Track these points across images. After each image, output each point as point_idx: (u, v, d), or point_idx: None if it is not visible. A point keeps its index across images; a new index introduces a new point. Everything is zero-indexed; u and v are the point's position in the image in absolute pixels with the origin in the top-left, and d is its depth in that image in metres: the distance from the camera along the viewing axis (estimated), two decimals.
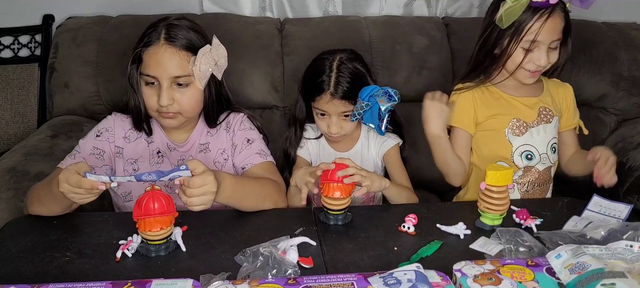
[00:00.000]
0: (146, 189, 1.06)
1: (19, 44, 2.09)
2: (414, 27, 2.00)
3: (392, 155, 1.51)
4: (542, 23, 1.33)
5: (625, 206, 1.22)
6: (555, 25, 1.35)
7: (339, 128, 1.42)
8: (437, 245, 1.11)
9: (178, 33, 1.31)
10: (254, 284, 0.90)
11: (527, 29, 1.34)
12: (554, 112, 1.49)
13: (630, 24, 2.14)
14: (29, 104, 2.03)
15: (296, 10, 2.14)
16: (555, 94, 1.52)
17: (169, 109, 1.31)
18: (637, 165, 1.76)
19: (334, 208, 1.20)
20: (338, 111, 1.40)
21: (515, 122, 1.46)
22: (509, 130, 1.46)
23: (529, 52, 1.37)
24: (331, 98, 1.38)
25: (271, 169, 1.40)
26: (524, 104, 1.47)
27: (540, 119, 1.47)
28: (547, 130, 1.47)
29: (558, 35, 1.37)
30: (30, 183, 1.44)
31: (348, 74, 1.39)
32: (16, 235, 1.15)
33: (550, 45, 1.37)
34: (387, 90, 1.33)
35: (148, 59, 1.30)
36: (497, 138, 1.47)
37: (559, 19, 1.35)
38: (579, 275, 0.90)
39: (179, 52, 1.29)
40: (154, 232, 1.05)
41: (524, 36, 1.35)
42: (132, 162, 1.39)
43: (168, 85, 1.29)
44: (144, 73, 1.31)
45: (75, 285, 0.91)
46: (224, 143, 1.43)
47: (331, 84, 1.38)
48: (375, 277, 0.91)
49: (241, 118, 1.46)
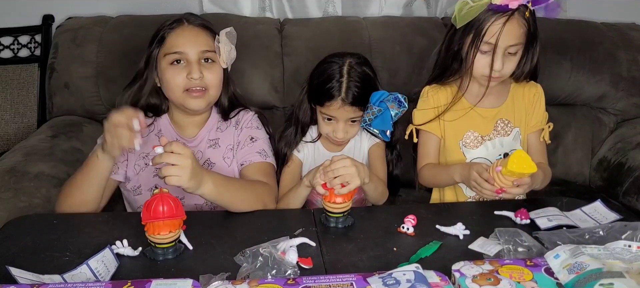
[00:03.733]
0: (154, 192, 1.07)
1: (18, 44, 2.09)
2: (413, 28, 2.01)
3: (376, 150, 1.51)
4: (501, 26, 1.29)
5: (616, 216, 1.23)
6: (513, 29, 1.30)
7: (345, 133, 1.42)
8: (436, 245, 1.11)
9: (197, 19, 1.43)
10: (254, 284, 0.90)
11: (485, 31, 1.30)
12: (514, 123, 1.46)
13: (629, 25, 2.15)
14: (28, 104, 2.03)
15: (296, 11, 2.15)
16: (521, 97, 1.47)
17: (198, 83, 1.35)
18: (636, 165, 1.76)
19: (335, 211, 1.20)
20: (347, 117, 1.40)
21: (470, 134, 1.45)
22: (462, 143, 1.45)
23: (486, 55, 1.33)
24: (342, 104, 1.37)
25: (268, 171, 1.41)
26: (481, 115, 1.45)
27: (496, 132, 1.45)
28: (505, 143, 1.45)
29: (516, 40, 1.31)
30: (30, 183, 1.44)
31: (359, 79, 1.38)
32: (16, 235, 1.15)
33: (508, 50, 1.32)
34: (396, 96, 1.33)
35: (174, 38, 1.37)
36: (451, 149, 1.46)
37: (517, 24, 1.30)
38: (578, 275, 0.90)
39: (203, 30, 1.40)
40: (163, 235, 1.05)
41: (483, 38, 1.31)
42: (143, 156, 1.42)
43: (196, 59, 1.36)
44: (170, 52, 1.36)
45: (75, 285, 0.91)
46: (232, 139, 1.46)
47: (342, 90, 1.37)
48: (375, 277, 0.92)
49: (251, 116, 1.49)
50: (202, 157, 1.43)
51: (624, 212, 1.25)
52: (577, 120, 2.00)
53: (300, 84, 1.66)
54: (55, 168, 1.54)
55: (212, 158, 1.43)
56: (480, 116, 1.45)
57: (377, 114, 1.33)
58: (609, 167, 1.90)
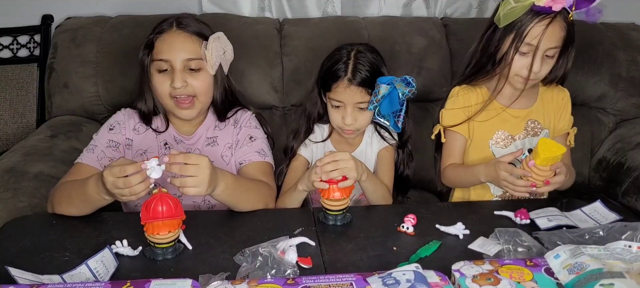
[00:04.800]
0: (153, 192, 1.06)
1: (18, 44, 2.09)
2: (412, 28, 2.00)
3: (385, 153, 1.50)
4: (544, 28, 1.29)
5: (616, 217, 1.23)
6: (555, 32, 1.31)
7: (353, 119, 1.40)
8: (436, 245, 1.11)
9: (189, 22, 1.39)
10: (253, 284, 0.90)
11: (527, 32, 1.31)
12: (544, 125, 1.47)
13: (628, 25, 2.15)
14: (28, 104, 2.03)
15: (295, 11, 2.14)
16: (549, 101, 1.49)
17: (182, 91, 1.34)
18: (636, 166, 1.76)
19: (333, 209, 1.20)
20: (354, 101, 1.38)
21: (501, 134, 1.45)
22: (492, 142, 1.46)
23: (525, 57, 1.34)
24: (348, 84, 1.37)
25: (267, 171, 1.41)
26: (512, 116, 1.46)
27: (526, 132, 1.46)
28: (534, 143, 1.45)
29: (556, 43, 1.33)
30: (29, 183, 1.44)
31: (365, 61, 1.38)
32: (15, 235, 1.15)
33: (547, 53, 1.33)
34: (405, 77, 1.32)
35: (161, 44, 1.35)
36: (481, 148, 1.47)
37: (559, 28, 1.31)
38: (578, 275, 0.90)
39: (190, 36, 1.36)
40: (162, 235, 1.05)
41: (524, 40, 1.32)
42: (141, 153, 1.42)
43: (181, 68, 1.33)
44: (156, 59, 1.34)
45: (74, 285, 0.91)
46: (230, 138, 1.46)
47: (349, 70, 1.37)
48: (374, 277, 0.91)
49: (249, 116, 1.50)
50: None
51: (624, 212, 1.26)
52: (577, 120, 1.97)
53: (300, 84, 1.67)
54: (55, 168, 1.53)
55: (210, 156, 1.43)
56: (512, 116, 1.46)
57: (385, 94, 1.32)
58: (608, 167, 1.90)
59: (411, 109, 1.43)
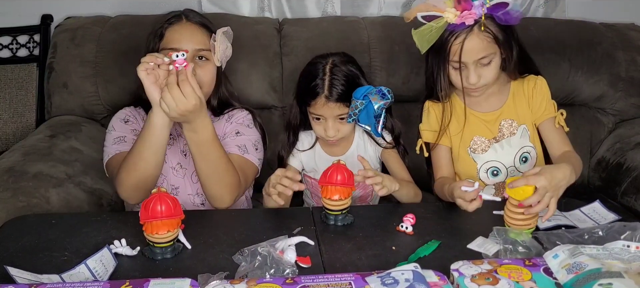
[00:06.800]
0: (152, 191, 1.07)
1: (17, 44, 2.09)
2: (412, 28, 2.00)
3: (389, 155, 1.51)
4: (460, 44, 1.31)
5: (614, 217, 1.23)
6: (476, 44, 1.32)
7: (335, 131, 1.42)
8: (435, 245, 1.11)
9: (196, 16, 1.48)
10: (252, 284, 0.90)
11: (448, 50, 1.33)
12: (519, 121, 1.47)
13: (628, 25, 2.15)
14: (27, 103, 2.03)
15: (295, 11, 2.14)
16: (519, 94, 1.47)
17: None
18: (635, 166, 1.76)
19: (334, 209, 1.20)
20: (333, 114, 1.40)
21: (477, 139, 1.47)
22: (470, 150, 1.47)
23: (461, 71, 1.35)
24: (326, 101, 1.38)
25: (243, 167, 1.40)
26: (484, 120, 1.46)
27: (502, 133, 1.46)
28: (513, 142, 1.46)
29: (482, 52, 1.33)
30: (28, 183, 1.44)
31: (341, 76, 1.39)
32: (15, 235, 1.15)
33: (480, 62, 1.34)
34: (380, 88, 1.33)
35: (172, 34, 1.41)
36: (461, 157, 1.48)
37: (477, 39, 1.32)
38: (576, 275, 0.90)
39: (199, 28, 1.43)
40: (161, 235, 1.05)
41: (449, 58, 1.35)
42: None
43: (191, 57, 1.37)
44: (167, 47, 1.38)
45: (73, 285, 0.91)
46: (221, 131, 1.47)
47: (325, 87, 1.38)
48: (373, 276, 0.92)
49: (244, 115, 1.52)
50: None
51: (623, 212, 1.26)
52: (576, 120, 2.00)
53: None
54: (54, 168, 1.53)
55: None
56: (483, 121, 1.47)
57: (360, 108, 1.33)
58: (607, 167, 1.90)
59: (410, 110, 1.43)
